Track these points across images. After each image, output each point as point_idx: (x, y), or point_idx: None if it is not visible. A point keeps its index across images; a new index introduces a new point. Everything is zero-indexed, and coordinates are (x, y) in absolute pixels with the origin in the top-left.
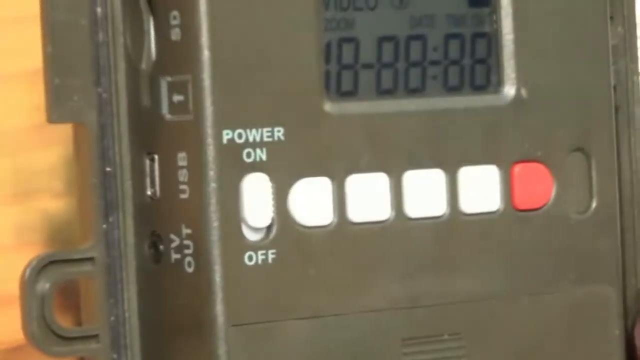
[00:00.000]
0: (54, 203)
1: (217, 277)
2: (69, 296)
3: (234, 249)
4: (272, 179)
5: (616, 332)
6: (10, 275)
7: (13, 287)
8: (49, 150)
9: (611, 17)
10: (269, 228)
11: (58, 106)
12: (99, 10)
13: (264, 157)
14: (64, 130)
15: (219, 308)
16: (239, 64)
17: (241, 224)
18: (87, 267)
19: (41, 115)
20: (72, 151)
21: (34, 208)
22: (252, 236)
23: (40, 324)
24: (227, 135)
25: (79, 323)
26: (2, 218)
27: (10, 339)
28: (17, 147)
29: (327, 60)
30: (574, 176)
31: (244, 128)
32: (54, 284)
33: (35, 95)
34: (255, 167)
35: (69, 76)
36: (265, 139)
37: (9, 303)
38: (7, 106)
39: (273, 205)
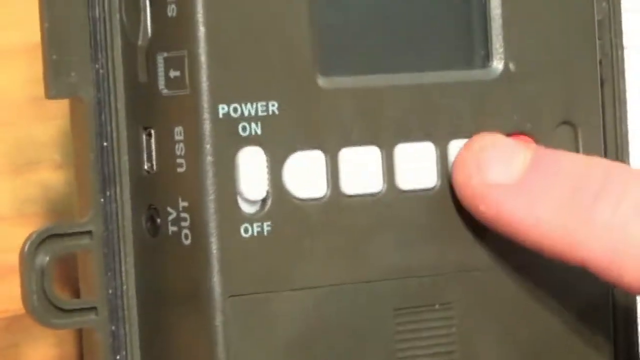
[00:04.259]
0: (52, 175)
1: (214, 249)
2: (67, 268)
3: (230, 221)
4: (266, 152)
5: (605, 297)
6: (10, 246)
7: (12, 258)
8: (48, 122)
9: None
10: (264, 200)
11: (56, 82)
12: None
13: (259, 131)
14: (63, 103)
15: (216, 279)
16: (234, 39)
17: (237, 197)
18: (85, 241)
19: (40, 88)
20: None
21: (33, 180)
22: (247, 208)
23: (39, 297)
24: (222, 109)
25: (76, 294)
26: (2, 190)
27: (11, 308)
28: (16, 119)
29: (320, 35)
30: (562, 148)
31: (240, 102)
32: (52, 258)
33: (34, 68)
34: (251, 140)
35: (67, 52)
36: (260, 113)
37: (9, 273)
38: (6, 79)
39: (268, 178)
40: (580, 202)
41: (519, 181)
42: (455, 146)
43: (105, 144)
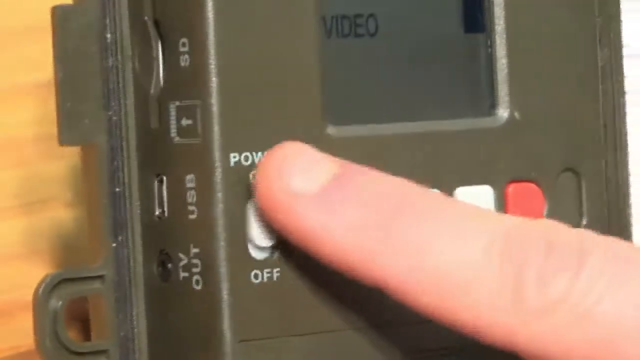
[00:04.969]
0: (63, 213)
1: (225, 295)
2: (78, 306)
3: (241, 267)
4: None
5: None
6: (21, 283)
7: (24, 295)
8: (58, 160)
9: (599, 40)
10: (273, 247)
11: (70, 129)
12: (108, 36)
13: None
14: None
15: (227, 324)
16: (245, 89)
17: (247, 244)
18: (97, 285)
19: (50, 127)
20: (79, 164)
21: (44, 218)
22: (258, 255)
23: (52, 340)
24: (234, 158)
25: (86, 335)
26: (12, 228)
27: (22, 344)
28: (26, 157)
29: (329, 85)
30: (565, 195)
31: (250, 151)
32: (65, 302)
33: (44, 106)
34: None
35: (80, 100)
36: None
37: (21, 310)
38: (17, 117)
39: None
40: (378, 220)
41: (319, 193)
42: (461, 193)
43: (117, 189)
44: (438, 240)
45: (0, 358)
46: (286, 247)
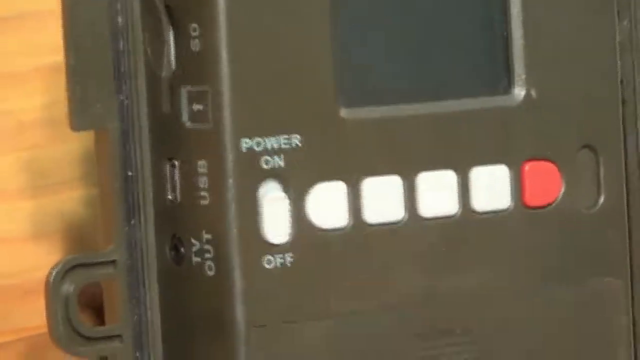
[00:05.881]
0: (70, 195)
1: (237, 281)
2: (91, 297)
3: (253, 253)
4: (289, 185)
5: (623, 323)
6: (30, 266)
7: (32, 277)
8: (66, 144)
9: (617, 13)
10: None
11: (81, 115)
12: (119, 19)
13: (281, 164)
14: None
15: (239, 310)
16: (256, 74)
17: (259, 229)
18: (109, 270)
19: (59, 110)
20: (89, 147)
21: (51, 201)
22: (270, 240)
23: (65, 325)
24: (245, 143)
25: (99, 319)
26: (20, 211)
27: (34, 325)
28: (34, 141)
29: (342, 68)
30: (582, 172)
31: (262, 136)
32: (77, 287)
33: (52, 90)
34: (273, 173)
35: (91, 85)
36: (283, 146)
37: (30, 292)
38: (25, 101)
39: (290, 210)
40: None
41: None
42: (476, 173)
43: (130, 173)
44: None
45: (28, 337)
46: (299, 232)
